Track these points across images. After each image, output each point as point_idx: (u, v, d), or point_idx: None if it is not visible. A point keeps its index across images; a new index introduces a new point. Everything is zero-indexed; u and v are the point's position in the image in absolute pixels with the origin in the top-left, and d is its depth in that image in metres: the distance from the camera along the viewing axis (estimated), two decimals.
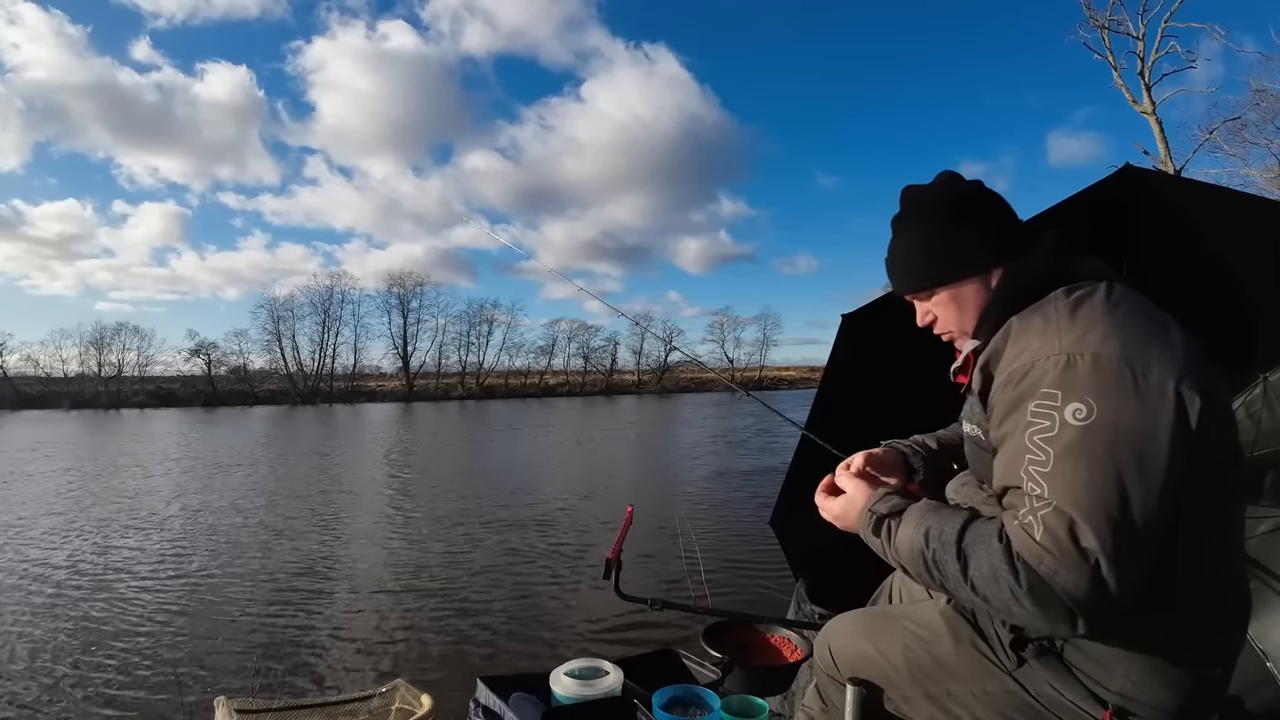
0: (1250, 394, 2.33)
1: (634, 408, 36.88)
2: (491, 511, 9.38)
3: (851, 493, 1.16)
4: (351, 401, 45.85)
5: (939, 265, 1.13)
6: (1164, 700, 0.97)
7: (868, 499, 1.12)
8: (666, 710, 1.39)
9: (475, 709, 1.58)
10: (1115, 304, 0.97)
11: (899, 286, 1.22)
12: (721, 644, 1.68)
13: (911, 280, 1.18)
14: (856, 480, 1.17)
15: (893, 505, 1.07)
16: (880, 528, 1.06)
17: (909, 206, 1.20)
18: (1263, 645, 1.90)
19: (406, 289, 53.00)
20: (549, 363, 56.53)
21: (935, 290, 1.16)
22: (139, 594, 6.04)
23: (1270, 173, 14.90)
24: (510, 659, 4.55)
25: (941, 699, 1.13)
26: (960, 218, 1.12)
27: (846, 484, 1.19)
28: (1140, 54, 15.93)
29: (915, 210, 1.18)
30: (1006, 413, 0.97)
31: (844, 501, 1.17)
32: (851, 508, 1.14)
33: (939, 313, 1.17)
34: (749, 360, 60.15)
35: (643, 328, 58.09)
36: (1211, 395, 0.89)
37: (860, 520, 1.11)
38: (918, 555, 0.98)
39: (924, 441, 1.38)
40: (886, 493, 1.11)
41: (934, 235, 1.14)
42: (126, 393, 43.80)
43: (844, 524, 1.17)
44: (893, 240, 1.22)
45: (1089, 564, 0.83)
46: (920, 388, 1.80)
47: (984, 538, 0.92)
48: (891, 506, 1.07)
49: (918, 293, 1.19)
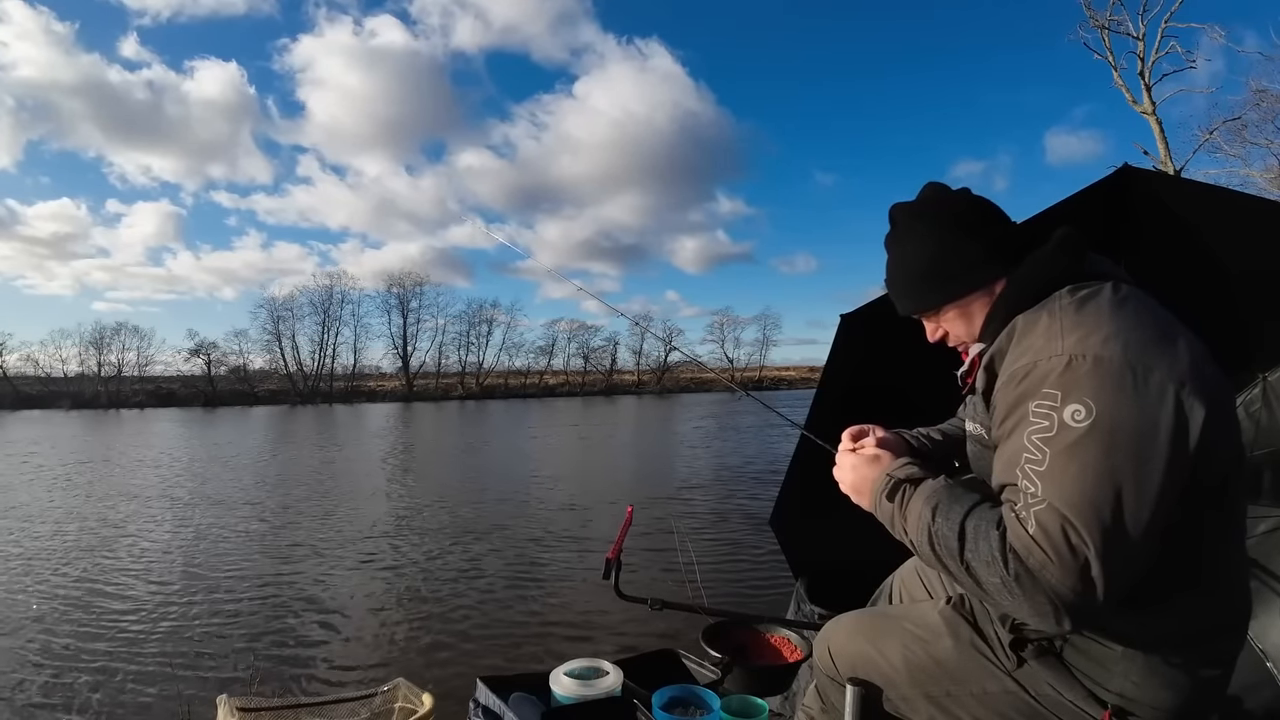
0: (1250, 394, 2.34)
1: (634, 407, 36.89)
2: (491, 511, 9.37)
3: (874, 454, 1.17)
4: (351, 401, 45.83)
5: (942, 286, 1.13)
6: (1163, 701, 0.97)
7: (889, 464, 1.13)
8: (666, 710, 1.39)
9: (475, 709, 1.58)
10: (1120, 304, 0.97)
11: (904, 308, 1.22)
12: (721, 644, 1.68)
13: (916, 303, 1.19)
14: (877, 449, 1.19)
15: (910, 473, 1.08)
16: (895, 492, 1.06)
17: (901, 227, 1.19)
18: (1263, 645, 1.90)
19: (406, 289, 53.09)
20: (549, 363, 56.61)
21: (943, 309, 1.16)
22: (138, 593, 6.04)
23: (1270, 173, 14.91)
24: (510, 659, 4.55)
25: (941, 699, 1.13)
26: (955, 233, 1.12)
27: (868, 451, 1.19)
28: (1140, 54, 15.95)
29: (908, 230, 1.17)
30: (1008, 412, 0.97)
31: (865, 460, 1.17)
32: (871, 468, 1.15)
33: (949, 328, 1.17)
34: (749, 360, 60.20)
35: (642, 328, 58.22)
36: (1214, 399, 0.89)
37: (876, 484, 1.11)
38: (924, 527, 0.99)
39: (928, 434, 1.38)
40: (906, 462, 1.11)
41: (933, 255, 1.13)
42: (126, 393, 43.76)
43: (857, 483, 1.17)
44: (890, 262, 1.21)
45: (1078, 562, 0.84)
46: (920, 387, 1.80)
47: (985, 523, 0.92)
48: (910, 474, 1.08)
49: (924, 314, 1.20)
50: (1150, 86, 15.93)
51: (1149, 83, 15.91)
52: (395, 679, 2.14)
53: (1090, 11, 16.59)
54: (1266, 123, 15.17)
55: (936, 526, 0.97)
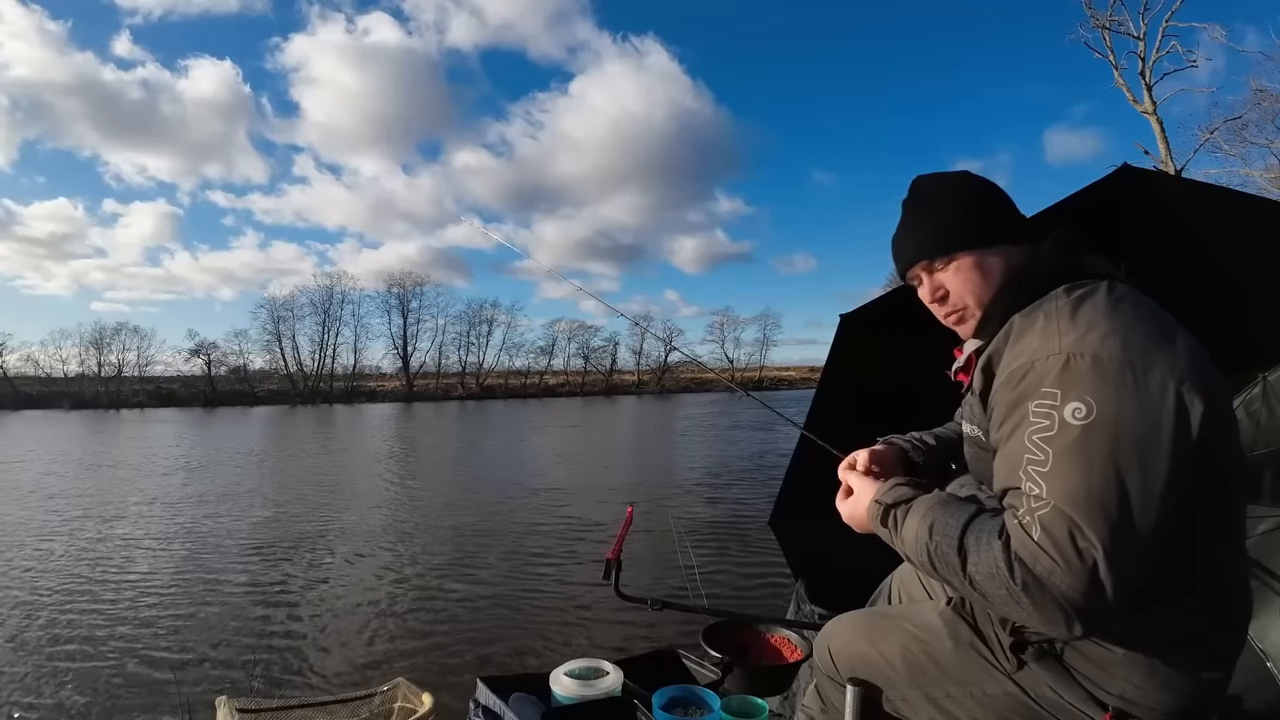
0: (1249, 393, 2.34)
1: (634, 408, 36.88)
2: (491, 511, 9.37)
3: (860, 488, 1.17)
4: (351, 401, 45.83)
5: (975, 224, 1.11)
6: (1164, 702, 0.97)
7: (876, 490, 1.12)
8: (666, 710, 1.39)
9: (475, 709, 1.58)
10: (1117, 303, 0.96)
11: (921, 250, 1.14)
12: (721, 644, 1.68)
13: (941, 240, 1.11)
14: (864, 478, 1.18)
15: (899, 495, 1.07)
16: (887, 518, 1.06)
17: (928, 187, 1.18)
18: (1263, 645, 1.90)
19: (406, 289, 53.10)
20: (549, 363, 56.60)
21: (958, 255, 1.10)
22: (138, 593, 6.04)
23: (1270, 173, 14.92)
24: (510, 659, 4.55)
25: (941, 700, 1.13)
26: (986, 194, 1.14)
27: (855, 482, 1.19)
28: (1141, 54, 15.96)
29: (939, 189, 1.16)
30: (1007, 413, 0.96)
31: (853, 499, 1.18)
32: (860, 502, 1.15)
33: (954, 283, 1.11)
34: (749, 360, 60.23)
35: (642, 328, 58.19)
36: (1214, 398, 0.89)
37: (869, 513, 1.11)
38: (922, 548, 0.98)
39: (922, 438, 1.38)
40: (894, 484, 1.11)
41: (968, 200, 1.13)
42: (126, 393, 43.77)
43: (856, 521, 1.17)
44: (907, 216, 1.18)
45: (1085, 565, 0.83)
46: (919, 387, 1.80)
47: (985, 534, 0.91)
48: (898, 497, 1.07)
49: (944, 255, 1.11)
50: (1151, 86, 15.95)
51: (1149, 82, 15.94)
52: (395, 679, 2.14)
53: (1091, 11, 16.62)
54: (1267, 122, 15.19)
55: (935, 545, 0.96)
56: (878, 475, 1.21)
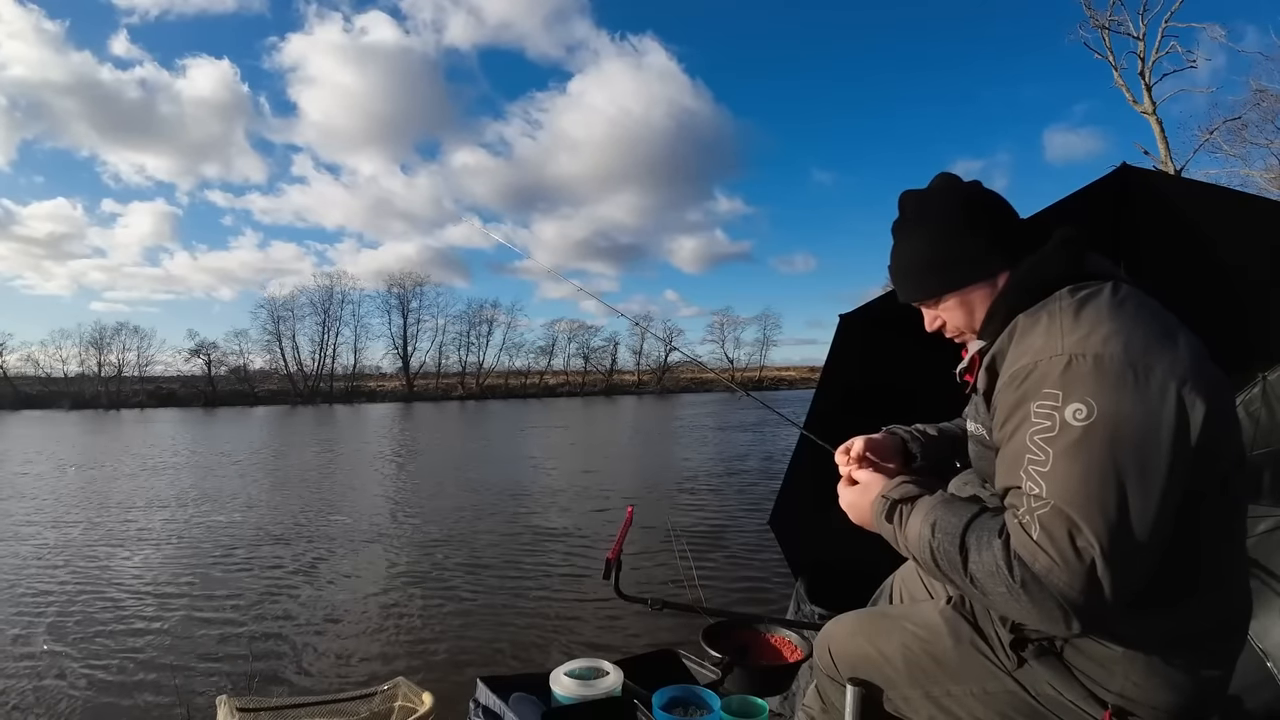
0: (1249, 393, 2.33)
1: (634, 407, 36.88)
2: (491, 511, 9.37)
3: (866, 481, 1.18)
4: (351, 401, 45.84)
5: (945, 274, 1.13)
6: (1164, 701, 0.97)
7: (883, 486, 1.13)
8: (666, 710, 1.39)
9: (475, 709, 1.58)
10: (1120, 304, 0.97)
11: (905, 295, 1.22)
12: (721, 644, 1.68)
13: (918, 290, 1.19)
14: (872, 472, 1.19)
15: (905, 492, 1.08)
16: (893, 514, 1.07)
17: (909, 213, 1.19)
18: (1263, 645, 1.90)
19: (406, 289, 53.18)
20: (549, 363, 56.65)
21: (943, 298, 1.16)
22: (138, 593, 6.04)
23: (1270, 173, 14.93)
24: (510, 659, 4.55)
25: (941, 699, 1.13)
26: (963, 223, 1.12)
27: (861, 475, 1.20)
28: (1141, 54, 15.96)
29: (917, 216, 1.17)
30: (1009, 413, 0.97)
31: (859, 490, 1.18)
32: (866, 494, 1.16)
33: (948, 317, 1.17)
34: (749, 360, 60.28)
35: (642, 328, 58.22)
36: (1215, 398, 0.89)
37: (874, 507, 1.12)
38: (925, 545, 0.99)
39: (924, 430, 1.39)
40: (901, 481, 1.11)
41: (938, 243, 1.13)
42: (126, 393, 43.81)
43: (858, 512, 1.18)
44: (895, 248, 1.21)
45: (1084, 564, 0.83)
46: (919, 387, 1.80)
47: (986, 533, 0.92)
48: (904, 493, 1.08)
49: (925, 301, 1.19)
50: (1150, 86, 15.96)
51: (1149, 82, 15.94)
52: (395, 678, 2.14)
53: (1091, 11, 16.62)
54: (1266, 122, 15.20)
55: (937, 542, 0.97)
56: (874, 463, 1.23)
